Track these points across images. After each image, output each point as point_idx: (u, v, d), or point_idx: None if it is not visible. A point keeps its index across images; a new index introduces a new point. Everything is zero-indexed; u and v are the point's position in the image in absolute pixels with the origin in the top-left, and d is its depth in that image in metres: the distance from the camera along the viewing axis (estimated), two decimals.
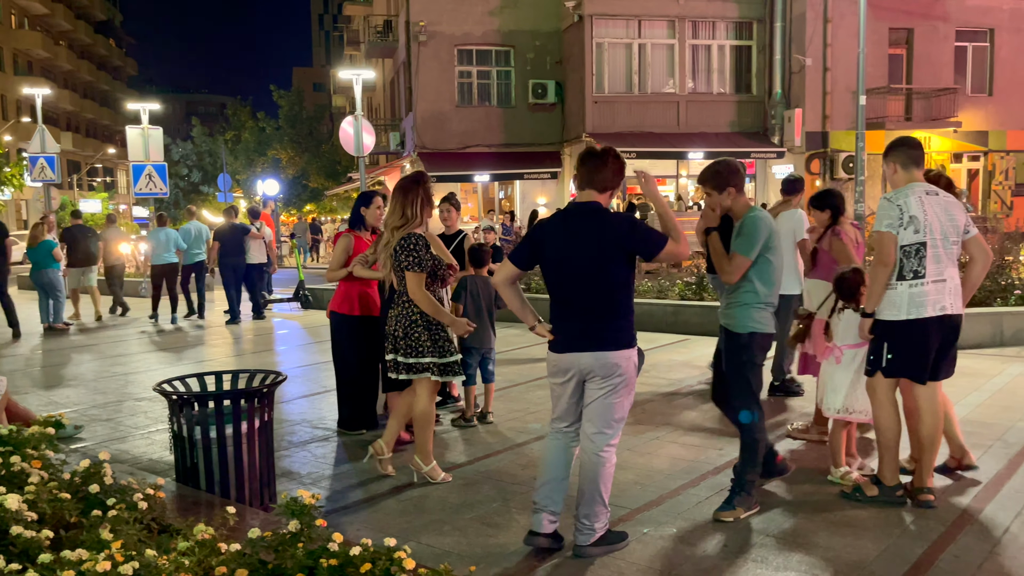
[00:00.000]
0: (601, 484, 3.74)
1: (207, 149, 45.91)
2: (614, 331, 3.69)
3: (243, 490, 4.09)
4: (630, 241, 3.67)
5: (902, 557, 3.68)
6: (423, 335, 4.71)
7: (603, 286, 3.68)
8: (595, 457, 3.75)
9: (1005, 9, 23.77)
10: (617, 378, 3.69)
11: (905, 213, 4.13)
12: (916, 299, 4.12)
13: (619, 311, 3.72)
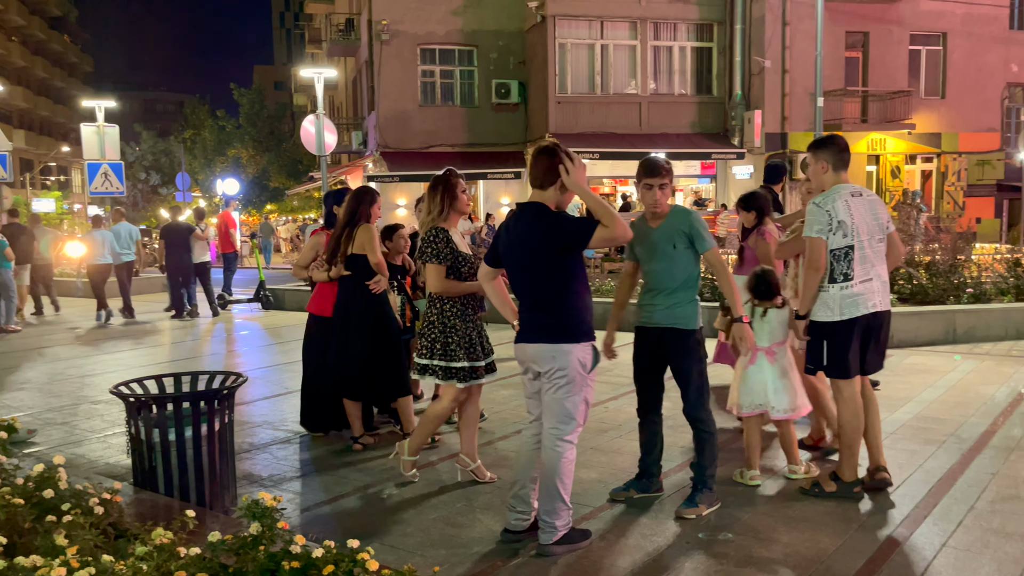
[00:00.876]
0: (558, 481, 3.75)
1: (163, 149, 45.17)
2: (553, 324, 3.77)
3: (203, 493, 4.03)
4: (556, 233, 3.73)
5: (859, 551, 3.75)
6: (437, 335, 4.66)
7: (539, 279, 3.78)
8: (550, 452, 3.78)
9: (957, 14, 24.33)
10: (558, 372, 3.74)
11: (834, 219, 4.26)
12: (848, 300, 4.28)
13: (559, 304, 3.77)
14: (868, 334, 4.36)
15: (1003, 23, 24.93)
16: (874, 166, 25.07)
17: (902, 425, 5.77)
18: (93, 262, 13.34)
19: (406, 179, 24.43)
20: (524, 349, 3.86)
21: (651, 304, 4.29)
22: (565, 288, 3.77)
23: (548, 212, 3.80)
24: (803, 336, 4.43)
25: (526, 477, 3.93)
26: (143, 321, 13.15)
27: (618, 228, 3.64)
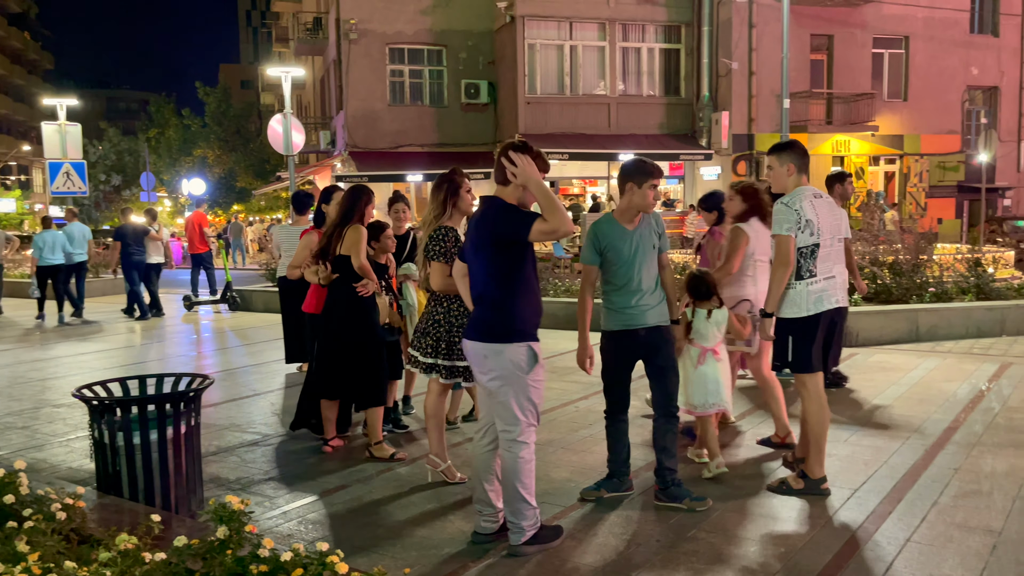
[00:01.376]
0: (517, 482, 3.72)
1: (127, 148, 44.48)
2: (488, 322, 3.73)
3: (168, 497, 3.97)
4: (495, 224, 3.70)
5: (825, 547, 3.79)
6: (442, 334, 4.69)
7: (480, 273, 3.79)
8: (505, 454, 3.76)
9: (919, 18, 24.76)
10: (492, 373, 3.70)
11: (802, 217, 4.39)
12: (814, 296, 4.41)
13: (497, 301, 3.71)
14: (830, 329, 4.52)
15: (963, 27, 25.42)
16: (839, 167, 25.41)
17: (867, 422, 5.85)
18: (44, 263, 13.35)
19: (375, 179, 24.25)
20: (465, 347, 3.86)
21: (640, 305, 4.27)
22: (504, 285, 3.69)
23: (495, 204, 3.76)
24: (769, 335, 4.49)
25: (481, 479, 3.91)
26: (95, 321, 12.95)
27: (560, 222, 3.53)
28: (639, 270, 4.24)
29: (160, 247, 13.91)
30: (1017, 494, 4.38)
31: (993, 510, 4.18)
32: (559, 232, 3.55)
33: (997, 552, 3.69)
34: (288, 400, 7.18)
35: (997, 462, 4.90)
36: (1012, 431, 5.54)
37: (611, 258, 4.25)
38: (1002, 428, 5.62)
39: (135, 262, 13.32)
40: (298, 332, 8.16)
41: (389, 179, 24.59)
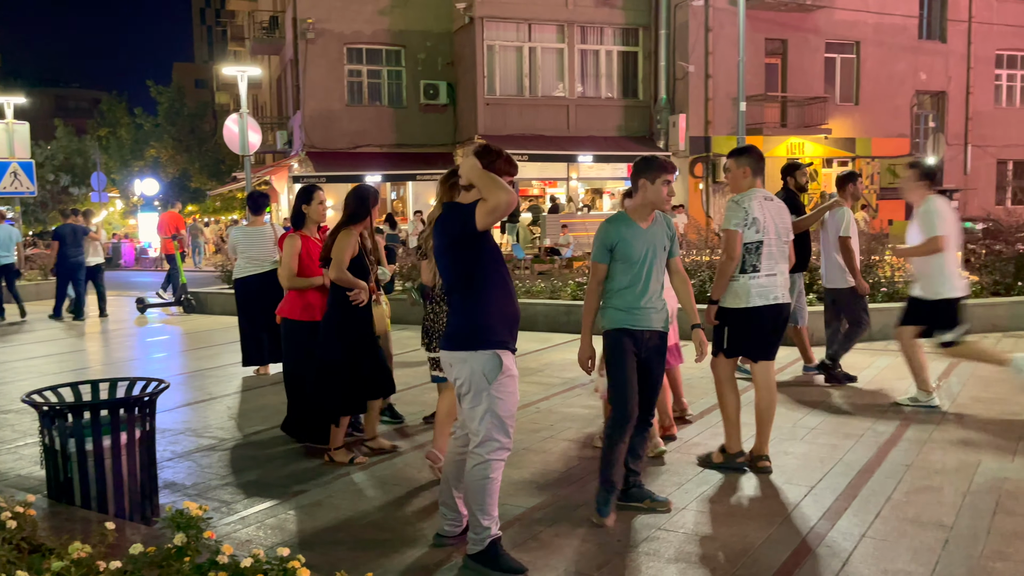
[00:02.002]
0: (476, 499, 3.56)
1: (76, 148, 43.46)
2: (452, 327, 3.63)
3: (122, 505, 3.89)
4: (446, 225, 3.56)
5: (784, 544, 3.85)
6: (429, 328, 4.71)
7: (445, 280, 3.69)
8: (471, 467, 3.59)
9: (870, 23, 25.31)
10: (457, 381, 3.59)
11: (749, 214, 4.70)
12: (755, 290, 4.70)
13: (459, 306, 3.59)
14: (772, 323, 4.79)
15: (912, 33, 26.04)
16: (848, 167, 25.85)
17: (822, 420, 5.95)
18: None
19: (333, 180, 24.06)
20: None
21: (649, 308, 4.15)
22: (466, 287, 3.54)
23: (446, 207, 3.69)
24: (711, 320, 4.82)
25: (449, 482, 3.85)
26: (21, 322, 12.64)
27: (497, 196, 3.35)
28: (649, 271, 4.13)
29: (99, 247, 13.93)
30: (967, 489, 4.49)
31: (944, 505, 4.27)
32: (500, 206, 3.34)
33: (949, 546, 3.77)
34: (245, 404, 7.08)
35: (947, 458, 5.02)
36: (961, 428, 5.69)
37: (622, 256, 4.10)
38: (952, 425, 5.76)
39: (73, 263, 13.26)
40: (255, 335, 8.06)
41: (347, 180, 24.35)
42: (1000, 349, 8.33)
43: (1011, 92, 28.02)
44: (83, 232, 13.55)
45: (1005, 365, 6.00)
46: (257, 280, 7.95)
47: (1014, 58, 27.73)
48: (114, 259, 32.43)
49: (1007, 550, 3.73)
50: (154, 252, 32.44)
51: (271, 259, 7.97)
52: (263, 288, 7.89)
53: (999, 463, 4.91)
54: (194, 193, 44.77)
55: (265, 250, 8.00)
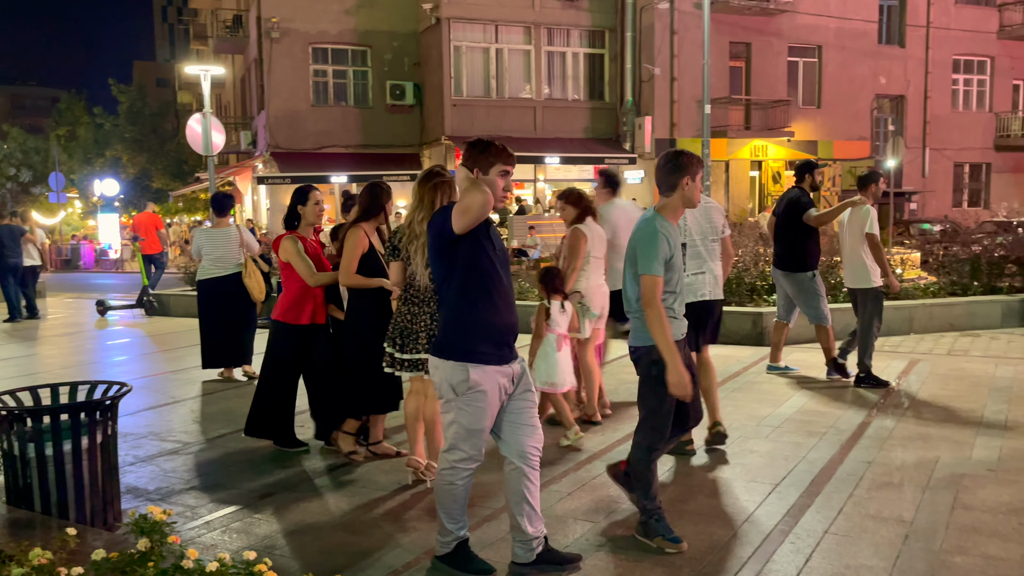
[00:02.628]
0: (438, 494, 3.54)
1: (34, 147, 42.61)
2: (438, 331, 3.60)
3: (84, 510, 3.82)
4: (432, 225, 3.49)
5: (748, 542, 3.89)
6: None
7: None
8: (439, 462, 3.57)
9: (831, 28, 25.70)
10: (434, 386, 3.58)
11: None
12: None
13: (443, 311, 3.53)
14: (700, 318, 5.06)
15: (872, 38, 26.49)
16: (757, 171, 26.19)
17: (787, 419, 6.03)
18: None
19: (298, 180, 23.84)
20: None
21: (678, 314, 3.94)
22: (447, 293, 3.46)
23: (441, 208, 3.60)
24: None
25: (508, 503, 3.56)
26: None
27: (472, 196, 3.26)
28: (680, 272, 3.92)
29: (35, 250, 13.88)
30: (926, 485, 4.58)
31: (904, 501, 4.36)
32: (472, 207, 3.25)
33: (909, 541, 3.85)
34: (209, 407, 6.99)
35: (907, 455, 5.12)
36: (921, 425, 5.80)
37: (670, 265, 3.79)
38: (911, 422, 5.87)
39: (11, 264, 13.19)
40: (217, 337, 7.93)
41: (312, 180, 24.19)
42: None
43: (968, 96, 28.63)
44: (20, 233, 13.50)
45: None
46: (221, 282, 7.86)
47: (971, 63, 28.34)
48: (73, 261, 31.86)
49: (965, 544, 3.81)
50: (114, 254, 31.92)
51: (236, 261, 7.88)
52: (227, 290, 7.83)
53: (957, 459, 5.02)
54: (156, 193, 44.10)
55: (230, 252, 7.89)
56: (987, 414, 6.04)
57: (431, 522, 4.19)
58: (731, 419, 6.03)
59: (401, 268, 4.62)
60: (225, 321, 7.87)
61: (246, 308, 7.93)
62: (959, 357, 8.22)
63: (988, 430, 5.63)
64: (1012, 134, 28.74)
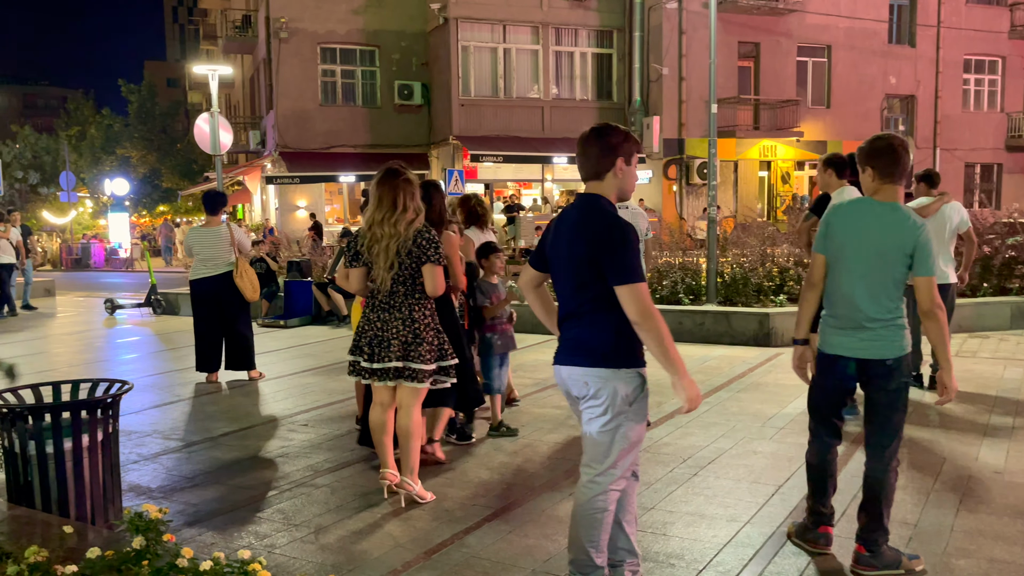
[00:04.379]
0: (584, 523, 3.12)
1: (44, 147, 42.82)
2: (588, 342, 3.16)
3: (84, 508, 3.82)
4: (614, 229, 3.13)
5: (750, 544, 3.87)
6: (432, 340, 4.38)
7: (574, 288, 3.21)
8: (583, 489, 3.16)
9: (841, 27, 25.60)
10: (589, 402, 3.13)
11: None
12: None
13: (596, 321, 3.15)
14: None
15: (882, 37, 26.37)
16: (766, 171, 26.10)
17: (791, 420, 5.99)
18: None
19: (306, 180, 23.94)
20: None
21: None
22: (585, 300, 3.16)
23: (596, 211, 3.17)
24: None
25: (613, 525, 3.27)
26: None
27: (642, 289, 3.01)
28: None
29: (10, 247, 14.19)
30: (931, 487, 4.54)
31: (908, 503, 4.32)
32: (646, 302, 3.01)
33: (913, 544, 3.81)
34: (213, 406, 7.00)
35: (913, 456, 5.07)
36: (927, 426, 5.75)
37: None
38: (918, 424, 5.82)
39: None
40: (209, 339, 7.86)
41: (320, 180, 24.29)
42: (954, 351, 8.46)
43: (979, 96, 28.47)
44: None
45: None
46: (210, 282, 7.69)
47: (982, 63, 28.18)
48: (83, 260, 32.00)
49: (970, 547, 3.77)
50: (124, 253, 32.06)
51: (227, 261, 7.71)
52: (217, 291, 7.67)
53: (963, 461, 4.98)
54: (166, 193, 44.29)
55: (220, 251, 7.70)
56: (994, 416, 5.99)
57: (432, 522, 4.18)
58: (736, 419, 6.01)
59: (363, 274, 4.41)
60: (217, 323, 7.77)
61: (238, 309, 7.79)
62: (967, 358, 8.15)
63: (995, 432, 5.58)
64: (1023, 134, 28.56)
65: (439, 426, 5.20)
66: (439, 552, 3.82)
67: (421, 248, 4.26)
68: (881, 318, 3.45)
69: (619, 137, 3.19)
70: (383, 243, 4.25)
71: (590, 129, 3.25)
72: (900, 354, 3.47)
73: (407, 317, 4.32)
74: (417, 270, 4.29)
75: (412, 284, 4.31)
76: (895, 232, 3.41)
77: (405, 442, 4.45)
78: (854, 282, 3.47)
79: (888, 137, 3.53)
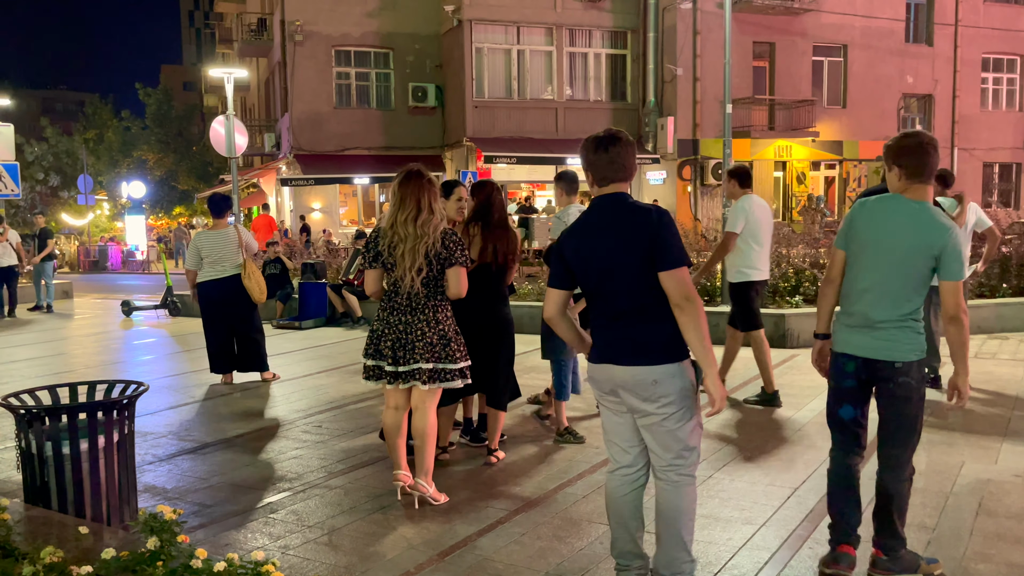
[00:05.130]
0: (684, 521, 3.17)
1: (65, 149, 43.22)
2: (651, 337, 3.17)
3: (100, 509, 3.84)
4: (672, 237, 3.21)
5: (765, 547, 3.84)
6: (455, 340, 4.38)
7: (637, 288, 3.22)
8: (673, 486, 3.19)
9: (857, 27, 25.44)
10: (660, 401, 3.14)
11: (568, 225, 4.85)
12: None
13: (653, 315, 3.18)
14: None
15: (899, 36, 26.18)
16: (781, 172, 25.97)
17: (808, 422, 5.95)
18: None
19: (321, 182, 24.03)
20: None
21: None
22: (650, 298, 3.18)
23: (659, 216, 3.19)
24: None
25: (626, 528, 3.28)
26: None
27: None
28: None
29: (10, 249, 14.29)
30: (950, 490, 4.49)
31: (928, 507, 4.27)
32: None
33: (931, 548, 3.77)
34: (228, 407, 7.03)
35: (931, 459, 5.02)
36: (945, 429, 5.69)
37: None
38: (936, 426, 5.76)
39: None
40: (219, 340, 7.87)
41: (335, 182, 24.38)
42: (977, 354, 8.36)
43: (997, 95, 28.21)
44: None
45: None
46: (218, 285, 7.70)
47: (1000, 61, 27.93)
48: (101, 262, 32.27)
49: (989, 552, 3.73)
50: (140, 255, 32.30)
51: (234, 263, 7.72)
52: (223, 293, 7.69)
53: (982, 464, 4.92)
54: (182, 195, 44.61)
55: (227, 254, 7.70)
56: (1014, 419, 5.93)
57: (445, 524, 4.18)
58: (752, 422, 5.97)
59: (380, 276, 4.36)
60: (227, 324, 7.81)
61: (247, 310, 7.82)
62: (987, 360, 8.07)
63: (1015, 435, 5.51)
64: None
65: (496, 434, 5.23)
66: (452, 554, 3.82)
67: (449, 250, 4.24)
68: (894, 318, 3.34)
69: (627, 142, 3.34)
70: (408, 244, 4.21)
71: (614, 134, 3.29)
72: (910, 358, 3.34)
73: (431, 319, 4.29)
74: (441, 272, 4.27)
75: (435, 286, 4.29)
76: (925, 231, 3.28)
77: (421, 443, 4.43)
78: (874, 280, 3.36)
79: (917, 135, 3.39)
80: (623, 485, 3.27)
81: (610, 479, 3.30)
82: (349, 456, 5.42)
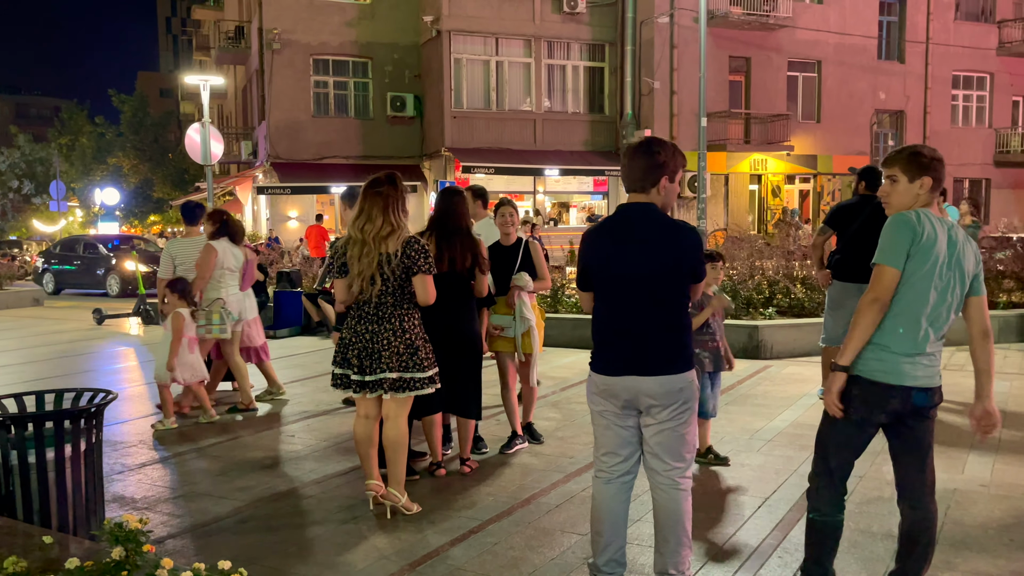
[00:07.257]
0: (683, 524, 3.32)
1: (38, 157, 42.73)
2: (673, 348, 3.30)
3: (66, 518, 3.79)
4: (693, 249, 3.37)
5: (735, 555, 3.86)
6: (423, 348, 4.36)
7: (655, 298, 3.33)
8: (673, 492, 3.32)
9: (831, 43, 25.80)
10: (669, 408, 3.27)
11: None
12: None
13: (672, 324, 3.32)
14: None
15: (872, 53, 26.59)
16: (756, 185, 26.23)
17: (779, 432, 6.00)
18: None
19: (298, 191, 23.94)
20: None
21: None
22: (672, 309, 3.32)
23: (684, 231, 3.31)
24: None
25: (617, 533, 3.38)
26: None
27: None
28: None
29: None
30: None
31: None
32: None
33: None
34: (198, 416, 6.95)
35: None
36: None
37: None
38: None
39: None
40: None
41: (312, 191, 24.29)
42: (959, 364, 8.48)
43: (967, 112, 28.72)
44: None
45: None
46: None
47: (970, 79, 28.44)
48: None
49: (954, 560, 3.78)
50: None
51: None
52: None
53: (949, 474, 4.98)
54: (157, 203, 44.24)
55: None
56: None
57: (417, 533, 4.16)
58: (724, 432, 6.01)
59: (348, 285, 4.31)
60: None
61: None
62: (955, 372, 8.18)
63: (982, 446, 5.59)
64: (1012, 150, 28.82)
65: (468, 443, 5.22)
66: (424, 564, 3.80)
67: (411, 258, 4.22)
68: (938, 342, 3.22)
69: (667, 154, 3.27)
70: (357, 249, 4.23)
71: (640, 142, 3.32)
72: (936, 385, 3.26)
73: (398, 328, 4.27)
74: (407, 280, 4.25)
75: (401, 295, 4.27)
76: (967, 248, 3.08)
77: (392, 453, 4.41)
78: (931, 303, 3.11)
79: (929, 149, 3.13)
80: (621, 491, 3.36)
81: (606, 488, 3.35)
82: (321, 465, 5.39)
